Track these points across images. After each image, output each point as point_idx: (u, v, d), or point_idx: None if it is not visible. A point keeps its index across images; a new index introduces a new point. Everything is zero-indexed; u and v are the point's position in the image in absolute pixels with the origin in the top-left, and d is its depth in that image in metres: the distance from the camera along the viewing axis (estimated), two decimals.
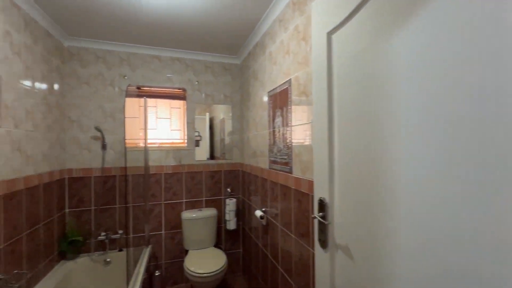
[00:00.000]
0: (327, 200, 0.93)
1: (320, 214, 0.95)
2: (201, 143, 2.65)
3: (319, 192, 0.97)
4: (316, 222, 0.99)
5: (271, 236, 1.85)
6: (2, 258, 1.42)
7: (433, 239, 0.56)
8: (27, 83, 1.67)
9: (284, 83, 1.61)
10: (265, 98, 1.95)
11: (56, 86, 2.05)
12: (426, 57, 0.58)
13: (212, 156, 2.70)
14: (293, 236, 1.49)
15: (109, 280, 2.19)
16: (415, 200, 0.60)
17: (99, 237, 2.23)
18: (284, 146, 1.60)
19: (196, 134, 2.61)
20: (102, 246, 2.27)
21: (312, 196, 1.21)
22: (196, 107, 2.60)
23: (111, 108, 2.33)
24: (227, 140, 2.73)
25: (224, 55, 2.65)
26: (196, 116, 2.61)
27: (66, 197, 2.19)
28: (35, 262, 1.73)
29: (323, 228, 0.94)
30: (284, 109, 1.60)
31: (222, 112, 2.73)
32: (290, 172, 1.51)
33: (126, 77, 2.37)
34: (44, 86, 1.88)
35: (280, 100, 1.67)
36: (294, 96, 1.48)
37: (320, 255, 0.98)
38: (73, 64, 2.24)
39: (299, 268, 1.42)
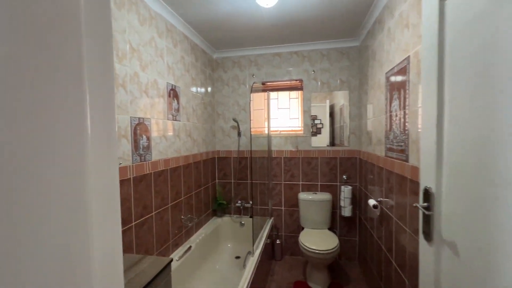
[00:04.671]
0: (433, 189, 0.83)
1: (425, 204, 0.86)
2: (322, 130, 2.76)
3: (425, 180, 0.88)
4: (420, 212, 0.90)
5: (386, 228, 1.73)
6: (183, 205, 2.20)
7: None
8: (193, 89, 2.41)
9: (402, 61, 1.44)
10: (383, 80, 1.79)
11: (209, 89, 2.80)
12: None
13: (333, 143, 2.75)
14: (407, 230, 1.36)
15: (243, 238, 2.81)
16: None
17: (237, 204, 2.89)
18: (401, 132, 1.45)
19: (318, 121, 2.74)
20: (238, 211, 2.93)
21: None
22: (312, 95, 2.72)
23: (243, 102, 2.89)
24: (346, 126, 2.69)
25: (341, 40, 2.58)
26: (316, 104, 2.74)
27: (216, 171, 2.98)
28: (199, 213, 2.53)
29: (427, 219, 0.85)
30: (402, 90, 1.44)
31: (342, 98, 2.70)
32: (407, 161, 1.37)
33: (254, 76, 2.84)
34: (202, 90, 2.62)
35: (397, 81, 1.50)
36: (412, 76, 1.31)
37: (424, 249, 0.89)
38: (219, 71, 2.94)
39: (414, 266, 1.29)
